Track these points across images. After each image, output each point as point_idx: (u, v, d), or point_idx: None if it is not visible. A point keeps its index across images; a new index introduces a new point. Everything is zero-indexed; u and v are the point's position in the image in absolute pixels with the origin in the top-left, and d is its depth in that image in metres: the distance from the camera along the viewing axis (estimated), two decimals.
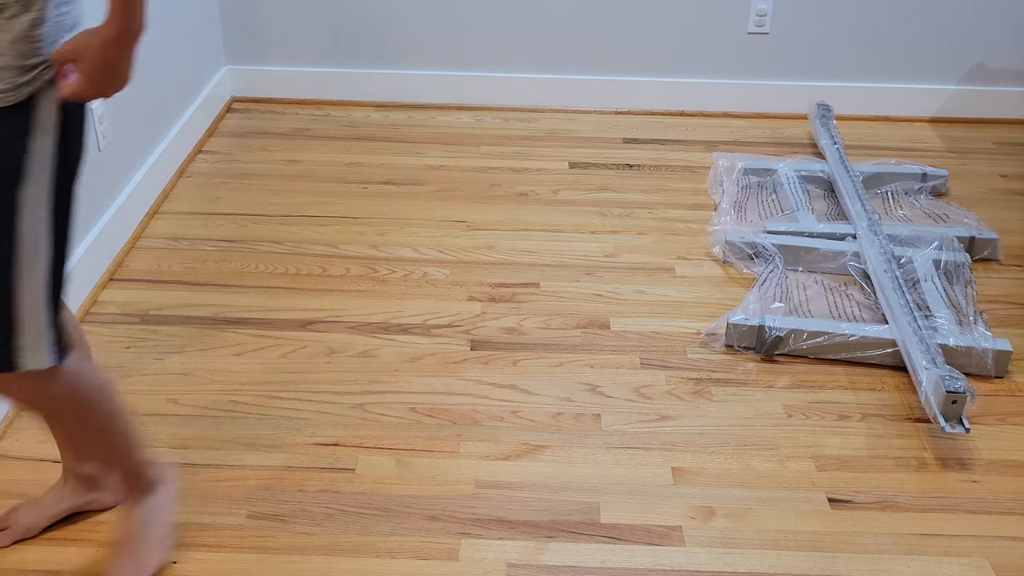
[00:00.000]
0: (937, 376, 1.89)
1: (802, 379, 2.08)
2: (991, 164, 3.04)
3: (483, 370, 2.09)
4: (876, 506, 1.77)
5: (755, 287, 2.31)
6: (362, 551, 1.65)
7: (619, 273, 2.43)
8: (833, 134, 2.90)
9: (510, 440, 1.90)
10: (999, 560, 1.66)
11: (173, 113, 2.87)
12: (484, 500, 1.76)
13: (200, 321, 2.22)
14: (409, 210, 2.70)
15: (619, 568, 1.63)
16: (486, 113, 3.31)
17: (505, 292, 2.35)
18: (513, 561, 1.64)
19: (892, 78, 3.28)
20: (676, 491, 1.79)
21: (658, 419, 1.96)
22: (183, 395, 2.00)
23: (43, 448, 1.85)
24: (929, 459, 1.88)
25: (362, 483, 1.79)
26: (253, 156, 2.99)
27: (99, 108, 2.34)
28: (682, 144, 3.12)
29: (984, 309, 2.31)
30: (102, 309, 2.26)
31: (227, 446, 1.87)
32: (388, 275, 2.41)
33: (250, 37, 3.27)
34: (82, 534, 1.67)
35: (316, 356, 2.12)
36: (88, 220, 2.32)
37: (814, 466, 1.85)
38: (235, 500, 1.75)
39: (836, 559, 1.66)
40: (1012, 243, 2.58)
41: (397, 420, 1.95)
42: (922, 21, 3.19)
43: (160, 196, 2.72)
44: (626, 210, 2.72)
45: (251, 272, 2.41)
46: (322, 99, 3.36)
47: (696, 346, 2.18)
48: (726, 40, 3.23)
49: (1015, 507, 1.77)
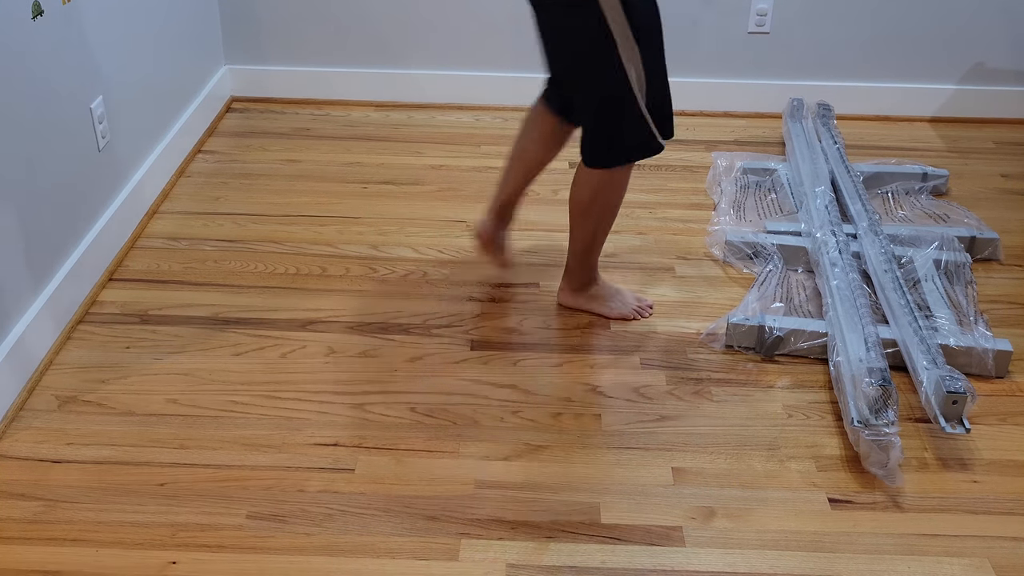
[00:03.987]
0: (938, 376, 1.89)
1: (802, 379, 2.08)
2: (991, 164, 3.03)
3: (483, 370, 2.09)
4: (876, 506, 1.77)
5: (754, 287, 2.31)
6: (362, 551, 1.65)
7: (619, 273, 2.43)
8: (834, 134, 2.90)
9: (510, 440, 1.90)
10: (999, 560, 1.66)
11: (173, 113, 2.87)
12: (484, 500, 1.76)
13: (200, 321, 2.22)
14: (409, 210, 2.70)
15: (619, 568, 1.63)
16: (486, 113, 3.30)
17: (505, 292, 2.35)
18: (513, 561, 1.64)
19: (892, 78, 3.28)
20: (676, 491, 1.79)
21: (658, 419, 1.96)
22: (183, 395, 2.00)
23: (43, 448, 1.85)
24: (930, 459, 1.88)
25: (362, 483, 1.79)
26: (253, 156, 2.99)
27: (99, 108, 2.34)
28: (682, 144, 3.11)
29: (985, 309, 2.31)
30: (102, 309, 2.26)
31: (226, 446, 1.87)
32: (388, 275, 2.41)
33: (250, 37, 3.27)
34: (82, 534, 1.67)
35: (316, 356, 2.12)
36: (88, 220, 2.32)
37: (814, 466, 1.85)
38: (234, 501, 1.75)
39: (836, 559, 1.66)
40: (1013, 243, 2.58)
41: (397, 420, 1.95)
42: (922, 21, 3.19)
43: (160, 196, 2.72)
44: (626, 210, 2.72)
45: (251, 272, 2.41)
46: (322, 99, 3.35)
47: (696, 346, 2.17)
48: (726, 40, 3.23)
49: (1015, 507, 1.77)
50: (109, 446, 1.86)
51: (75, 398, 1.98)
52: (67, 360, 2.09)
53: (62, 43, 2.17)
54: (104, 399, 1.98)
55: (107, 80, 2.39)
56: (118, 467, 1.81)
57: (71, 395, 1.99)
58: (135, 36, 2.56)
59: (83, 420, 1.92)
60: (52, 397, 1.99)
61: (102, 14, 2.36)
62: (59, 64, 2.16)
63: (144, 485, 1.77)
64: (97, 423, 1.92)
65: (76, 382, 2.03)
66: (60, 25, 2.16)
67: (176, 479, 1.79)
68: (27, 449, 1.85)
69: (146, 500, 1.74)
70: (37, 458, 1.83)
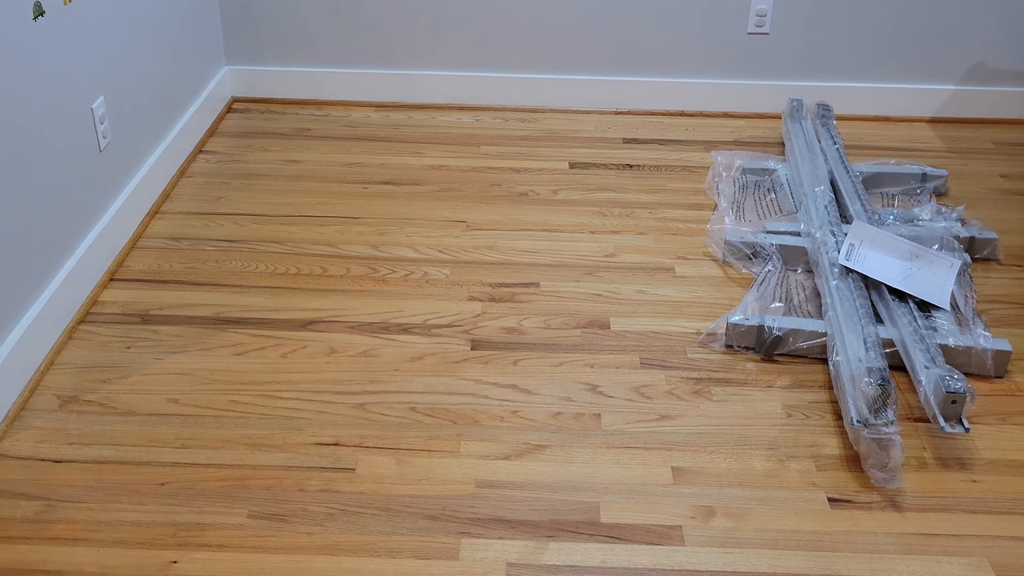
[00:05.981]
0: (937, 376, 1.89)
1: (802, 379, 2.09)
2: (991, 164, 3.04)
3: (483, 370, 2.09)
4: (875, 506, 1.77)
5: (753, 287, 2.31)
6: (362, 551, 1.66)
7: (619, 273, 2.43)
8: (833, 134, 2.91)
9: (510, 440, 1.90)
10: (999, 560, 1.66)
11: (174, 113, 2.87)
12: (484, 500, 1.76)
13: (200, 321, 2.23)
14: (409, 210, 2.70)
15: (619, 568, 1.64)
16: (486, 113, 3.31)
17: (505, 292, 2.36)
18: (513, 561, 1.64)
19: (892, 78, 3.29)
20: (676, 491, 1.80)
21: (658, 419, 1.97)
22: (183, 395, 2.00)
23: (43, 448, 1.86)
24: (929, 459, 1.88)
25: (362, 483, 1.79)
26: (253, 156, 2.99)
27: (100, 108, 2.34)
28: (682, 144, 3.12)
29: (984, 309, 2.31)
30: (103, 309, 2.26)
31: (227, 446, 1.87)
32: (388, 275, 2.41)
33: (250, 37, 3.28)
34: (83, 533, 1.67)
35: (316, 356, 2.12)
36: (88, 220, 2.32)
37: (814, 466, 1.86)
38: (235, 500, 1.75)
39: (836, 559, 1.66)
40: (1012, 243, 2.59)
41: (397, 420, 1.95)
42: (922, 21, 3.19)
43: (161, 196, 2.72)
44: (626, 210, 2.72)
45: (251, 272, 2.41)
46: (322, 99, 3.36)
47: (696, 346, 2.18)
48: (726, 40, 3.24)
49: (1015, 507, 1.77)
50: (110, 446, 1.87)
51: (76, 398, 1.99)
52: (68, 360, 2.10)
53: (63, 43, 2.18)
54: (105, 399, 1.99)
55: (108, 80, 2.40)
56: (119, 467, 1.82)
57: (72, 395, 2.00)
58: (136, 37, 2.56)
59: (84, 420, 1.93)
60: (53, 397, 1.99)
61: (103, 15, 2.36)
62: (60, 64, 2.17)
63: (145, 485, 1.78)
64: (98, 423, 1.92)
65: (77, 382, 2.03)
66: (61, 26, 2.16)
67: (177, 479, 1.79)
68: (28, 449, 1.86)
69: (147, 500, 1.75)
70: (38, 458, 1.84)
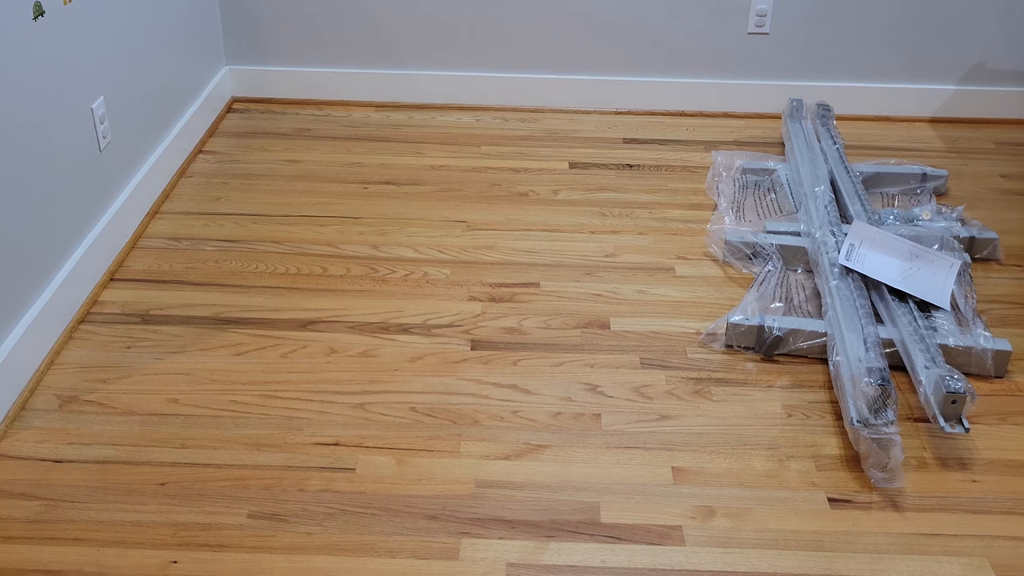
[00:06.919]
0: (937, 376, 1.89)
1: (802, 379, 2.09)
2: (991, 164, 3.04)
3: (483, 370, 2.09)
4: (875, 506, 1.77)
5: (754, 287, 2.31)
6: (362, 551, 1.66)
7: (619, 273, 2.43)
8: (833, 134, 2.91)
9: (510, 440, 1.90)
10: (999, 560, 1.66)
11: (174, 113, 2.88)
12: (484, 500, 1.76)
13: (200, 321, 2.23)
14: (409, 210, 2.70)
15: (619, 568, 1.64)
16: (486, 113, 3.31)
17: (505, 292, 2.36)
18: (513, 561, 1.64)
19: (892, 78, 3.29)
20: (676, 491, 1.80)
21: (658, 419, 1.97)
22: (183, 395, 2.00)
23: (43, 448, 1.86)
24: (929, 459, 1.88)
25: (362, 483, 1.79)
26: (253, 156, 2.99)
27: (100, 108, 2.34)
28: (682, 144, 3.12)
29: (984, 309, 2.31)
30: (103, 309, 2.26)
31: (227, 446, 1.87)
32: (388, 275, 2.41)
33: (250, 37, 3.28)
34: (83, 533, 1.67)
35: (316, 356, 2.12)
36: (88, 220, 2.32)
37: (814, 466, 1.86)
38: (235, 500, 1.75)
39: (836, 559, 1.66)
40: (1012, 243, 2.59)
41: (397, 420, 1.95)
42: (922, 21, 3.19)
43: (161, 196, 2.72)
44: (626, 210, 2.73)
45: (251, 272, 2.41)
46: (322, 99, 3.36)
47: (696, 346, 2.18)
48: (726, 40, 3.24)
49: (1015, 507, 1.78)
50: (110, 446, 1.87)
51: (76, 398, 1.99)
52: (68, 360, 2.10)
53: (63, 43, 2.18)
54: (105, 399, 1.99)
55: (108, 80, 2.40)
56: (119, 467, 1.82)
57: (72, 395, 2.00)
58: (136, 37, 2.56)
59: (84, 420, 1.93)
60: (53, 397, 1.99)
61: (103, 15, 2.36)
62: (60, 64, 2.17)
63: (145, 485, 1.78)
64: (98, 423, 1.92)
65: (77, 382, 2.03)
66: (61, 25, 2.16)
67: (177, 479, 1.79)
68: (28, 449, 1.86)
69: (147, 500, 1.75)
70: (38, 458, 1.84)
